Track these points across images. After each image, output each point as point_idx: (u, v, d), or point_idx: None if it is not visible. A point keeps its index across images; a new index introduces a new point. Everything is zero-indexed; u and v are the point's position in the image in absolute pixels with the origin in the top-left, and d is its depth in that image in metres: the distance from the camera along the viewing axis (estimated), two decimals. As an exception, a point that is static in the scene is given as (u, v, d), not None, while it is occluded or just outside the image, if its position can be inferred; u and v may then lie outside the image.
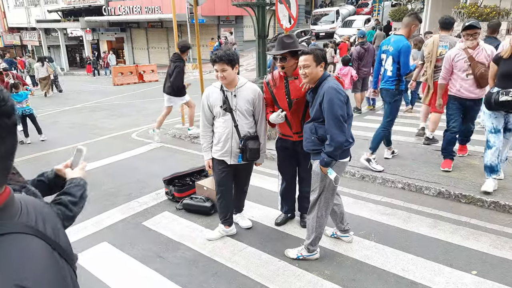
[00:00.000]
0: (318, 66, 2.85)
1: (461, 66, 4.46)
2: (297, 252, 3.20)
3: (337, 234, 3.48)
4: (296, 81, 3.22)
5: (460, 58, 4.45)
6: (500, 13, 15.42)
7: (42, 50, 30.24)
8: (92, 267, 3.22)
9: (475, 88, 4.44)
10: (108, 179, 5.30)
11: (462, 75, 4.47)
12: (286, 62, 3.15)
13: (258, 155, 3.39)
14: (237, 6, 6.32)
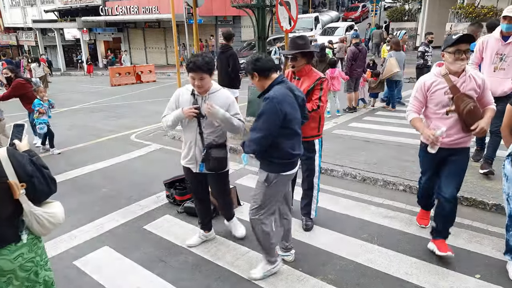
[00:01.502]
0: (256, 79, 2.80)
1: (439, 100, 2.99)
2: (262, 270, 3.02)
3: (280, 254, 3.22)
4: (298, 82, 3.42)
5: (438, 88, 2.97)
6: (498, 14, 15.47)
7: (38, 50, 30.06)
8: (94, 272, 3.19)
9: (459, 131, 3.00)
10: (107, 182, 5.27)
11: (439, 112, 3.03)
12: (296, 62, 3.35)
13: (223, 165, 3.21)
14: (237, 7, 6.31)
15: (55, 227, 2.03)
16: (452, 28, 15.69)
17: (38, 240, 2.04)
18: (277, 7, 5.68)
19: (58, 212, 2.03)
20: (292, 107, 2.72)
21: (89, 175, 5.64)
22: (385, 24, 23.76)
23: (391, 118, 8.23)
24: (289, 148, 2.76)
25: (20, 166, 1.82)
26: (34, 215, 1.90)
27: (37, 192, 1.91)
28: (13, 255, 1.88)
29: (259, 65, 2.75)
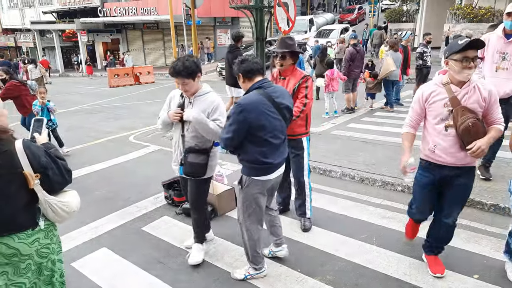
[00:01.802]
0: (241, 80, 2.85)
1: (438, 112, 2.66)
2: (244, 272, 3.02)
3: (273, 251, 3.28)
4: (284, 81, 3.53)
5: (438, 99, 2.64)
6: (495, 14, 15.53)
7: (37, 52, 30.03)
8: (92, 274, 3.19)
9: (458, 149, 2.66)
10: (105, 183, 5.26)
11: (438, 127, 2.69)
12: (285, 60, 3.43)
13: (199, 172, 3.04)
14: (235, 8, 6.32)
15: (70, 216, 2.15)
16: (450, 29, 15.71)
17: (53, 228, 2.17)
18: (275, 8, 5.69)
19: (72, 201, 2.16)
20: (263, 115, 2.63)
21: (87, 176, 5.62)
22: (384, 24, 23.81)
23: (389, 118, 8.24)
24: (258, 155, 2.70)
25: (34, 158, 1.94)
26: (48, 204, 2.02)
27: (52, 182, 2.03)
28: (30, 239, 2.01)
29: (243, 67, 2.75)
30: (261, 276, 3.03)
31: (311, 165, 5.34)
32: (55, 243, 2.18)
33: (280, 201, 4.01)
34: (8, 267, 1.99)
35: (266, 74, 3.59)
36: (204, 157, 3.04)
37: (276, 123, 2.72)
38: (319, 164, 5.35)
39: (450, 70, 2.60)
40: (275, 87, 2.83)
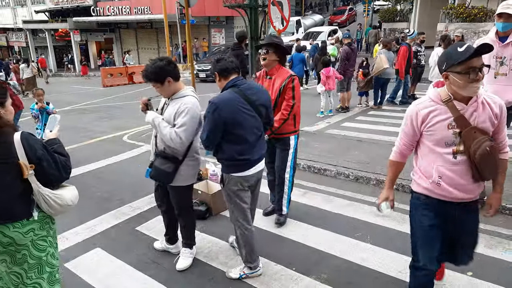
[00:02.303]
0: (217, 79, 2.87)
1: (441, 136, 2.10)
2: (239, 271, 3.03)
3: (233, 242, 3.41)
4: (270, 80, 3.51)
5: (439, 120, 2.09)
6: (488, 14, 15.66)
7: (29, 51, 29.79)
8: (85, 274, 3.16)
9: (469, 180, 2.11)
10: (99, 184, 5.22)
11: (443, 152, 2.11)
12: (268, 55, 3.41)
13: (164, 179, 2.98)
14: (229, 7, 6.31)
15: (64, 209, 2.19)
16: (445, 28, 15.81)
17: (50, 221, 2.22)
18: (269, 7, 5.69)
19: (65, 194, 2.20)
20: (237, 112, 2.67)
21: (80, 176, 5.58)
22: (378, 24, 23.93)
23: (383, 117, 8.27)
24: (234, 152, 2.74)
25: (31, 150, 2.01)
26: (41, 195, 2.08)
27: (47, 175, 2.08)
28: (25, 229, 2.06)
29: (219, 66, 2.79)
30: (256, 275, 3.03)
31: (305, 164, 5.38)
32: (52, 236, 2.22)
33: (274, 199, 4.02)
34: (6, 256, 2.08)
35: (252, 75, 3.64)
36: (171, 165, 2.90)
37: (252, 120, 2.76)
38: (314, 163, 5.35)
39: (451, 85, 2.02)
40: (250, 84, 2.86)
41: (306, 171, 5.35)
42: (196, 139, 2.99)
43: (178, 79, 2.88)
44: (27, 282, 2.12)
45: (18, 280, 2.12)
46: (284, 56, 3.59)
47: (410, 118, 2.19)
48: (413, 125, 2.19)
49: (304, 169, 5.38)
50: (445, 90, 2.09)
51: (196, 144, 3.02)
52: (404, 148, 2.32)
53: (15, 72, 15.84)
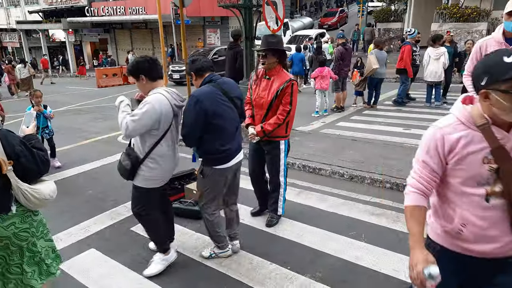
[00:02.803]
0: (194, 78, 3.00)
1: (472, 173, 1.57)
2: (209, 251, 3.30)
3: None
4: (268, 81, 3.47)
5: (473, 151, 1.56)
6: (481, 14, 15.78)
7: (23, 52, 29.59)
8: (80, 275, 3.15)
9: (506, 231, 1.58)
10: (94, 184, 5.20)
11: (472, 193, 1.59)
12: (267, 59, 3.38)
13: (124, 173, 2.95)
14: (224, 7, 6.30)
15: (42, 202, 2.24)
16: (439, 28, 15.91)
17: (32, 213, 2.29)
18: (264, 7, 5.69)
19: (43, 188, 2.25)
20: (216, 104, 2.85)
21: (75, 177, 5.56)
22: (373, 23, 24.04)
23: (378, 117, 8.32)
24: (217, 144, 2.92)
25: (9, 146, 2.08)
26: (20, 190, 2.13)
27: (26, 169, 2.14)
28: (6, 223, 2.14)
29: (195, 66, 2.95)
30: (225, 255, 3.27)
31: (300, 163, 5.39)
32: (35, 227, 2.30)
33: (260, 202, 4.05)
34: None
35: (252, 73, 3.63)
36: (128, 162, 2.88)
37: (230, 111, 2.96)
38: (309, 163, 5.37)
39: (492, 107, 1.50)
40: (224, 79, 3.05)
41: (301, 170, 5.37)
42: (166, 143, 2.86)
43: (154, 79, 2.83)
44: (10, 263, 2.24)
45: (2, 261, 2.24)
46: (284, 56, 3.54)
47: (434, 144, 1.60)
48: (438, 154, 1.60)
49: (299, 168, 5.40)
50: (479, 110, 1.56)
51: (162, 150, 2.86)
52: (426, 185, 1.65)
53: (8, 73, 15.76)
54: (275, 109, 3.46)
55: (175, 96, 2.86)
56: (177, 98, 2.88)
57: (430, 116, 8.06)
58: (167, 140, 2.87)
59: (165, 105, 2.74)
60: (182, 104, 2.93)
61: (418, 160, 1.69)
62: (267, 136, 3.50)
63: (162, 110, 2.72)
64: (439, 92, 8.91)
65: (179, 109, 2.93)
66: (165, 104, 2.75)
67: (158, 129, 2.78)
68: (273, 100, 3.43)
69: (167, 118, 2.79)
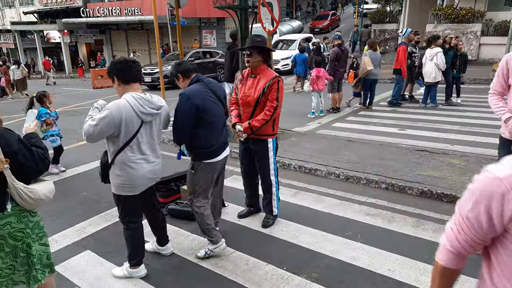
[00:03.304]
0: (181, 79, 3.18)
1: None
2: (204, 250, 3.31)
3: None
4: (254, 79, 3.52)
5: None
6: (475, 15, 15.89)
7: (18, 53, 29.42)
8: (75, 277, 3.14)
9: None
10: (89, 186, 5.18)
11: None
12: (252, 57, 3.44)
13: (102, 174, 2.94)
14: (219, 8, 6.30)
15: (37, 202, 2.24)
16: (433, 29, 16.00)
17: (29, 214, 2.28)
18: (259, 8, 5.70)
19: (38, 189, 2.25)
20: (206, 100, 3.05)
21: (70, 179, 5.53)
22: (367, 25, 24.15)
23: (373, 118, 8.35)
24: (207, 138, 3.10)
25: (6, 144, 2.09)
26: (15, 189, 2.14)
27: (24, 167, 2.16)
28: (1, 222, 2.15)
29: (181, 68, 3.15)
30: (220, 249, 3.28)
31: (296, 164, 5.40)
32: (30, 228, 2.29)
33: (248, 202, 4.07)
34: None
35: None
36: (99, 166, 2.95)
37: (217, 107, 3.16)
38: (305, 164, 5.38)
39: None
40: (210, 80, 3.25)
41: (297, 171, 5.38)
42: (130, 151, 2.75)
43: (126, 82, 2.74)
44: (2, 267, 2.23)
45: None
46: (268, 56, 3.59)
47: (487, 202, 1.10)
48: (490, 217, 1.11)
49: (295, 169, 5.41)
50: None
51: (126, 157, 2.75)
52: (467, 247, 1.24)
53: (4, 74, 15.68)
54: (262, 106, 3.50)
55: (143, 103, 2.69)
56: (146, 104, 2.70)
57: (425, 117, 8.11)
58: (133, 148, 2.74)
59: (126, 112, 2.61)
60: (153, 112, 2.76)
61: (462, 212, 1.21)
62: (254, 133, 3.54)
63: (122, 117, 2.59)
64: (434, 93, 8.96)
65: (151, 116, 2.77)
66: (127, 111, 2.61)
67: (118, 136, 2.67)
68: (260, 97, 3.47)
69: (129, 126, 2.65)
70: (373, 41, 9.16)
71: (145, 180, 2.89)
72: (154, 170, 2.93)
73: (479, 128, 6.98)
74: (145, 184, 2.92)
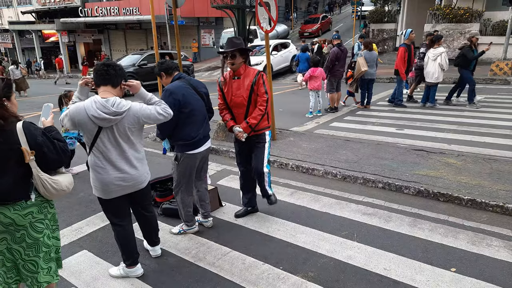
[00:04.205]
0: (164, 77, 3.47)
1: None
2: (179, 228, 3.75)
3: (200, 220, 3.88)
4: (239, 80, 3.59)
5: None
6: (473, 15, 15.91)
7: (16, 53, 29.38)
8: (72, 277, 3.14)
9: None
10: (87, 186, 5.14)
11: None
12: (235, 59, 3.51)
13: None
14: (217, 8, 6.30)
15: (59, 193, 2.38)
16: (432, 29, 16.02)
17: (48, 205, 2.43)
18: (256, 7, 5.70)
19: (62, 180, 2.39)
20: (188, 95, 3.32)
21: (68, 178, 5.52)
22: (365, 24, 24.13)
23: (371, 117, 8.37)
24: (188, 131, 3.35)
25: (31, 137, 2.22)
26: (40, 179, 2.27)
27: (47, 159, 2.27)
28: (24, 211, 2.27)
29: (164, 66, 3.42)
30: (192, 231, 3.72)
31: (294, 164, 5.41)
32: (49, 219, 2.43)
33: (245, 202, 4.07)
34: (6, 234, 2.28)
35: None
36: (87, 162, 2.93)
37: (199, 102, 3.43)
38: (302, 163, 5.39)
39: None
40: (190, 77, 3.54)
41: (294, 171, 5.39)
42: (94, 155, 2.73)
43: (97, 85, 2.72)
44: (25, 258, 2.34)
45: (18, 255, 2.33)
46: (247, 55, 3.68)
47: None
48: None
49: (292, 169, 5.41)
50: None
51: (92, 160, 2.75)
52: None
53: (1, 73, 15.66)
54: (254, 103, 3.59)
55: (97, 106, 2.56)
56: (100, 109, 2.55)
57: (422, 117, 8.12)
58: (96, 152, 2.71)
59: (79, 115, 2.58)
60: (105, 117, 2.56)
61: None
62: (254, 130, 3.61)
63: (75, 119, 2.59)
64: (434, 93, 8.92)
65: (106, 122, 2.59)
66: (80, 114, 2.58)
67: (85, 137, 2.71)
68: (250, 95, 3.56)
69: (87, 129, 2.62)
70: (369, 41, 9.17)
71: (114, 187, 2.77)
72: (124, 178, 2.77)
73: (476, 128, 7.00)
74: (116, 190, 2.80)
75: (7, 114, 2.18)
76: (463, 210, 4.00)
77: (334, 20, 32.65)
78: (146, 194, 3.08)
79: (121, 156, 2.74)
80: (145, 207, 3.15)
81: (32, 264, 2.35)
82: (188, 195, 3.61)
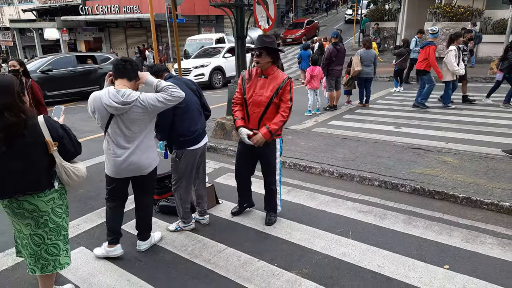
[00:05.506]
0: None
1: None
2: (175, 225, 3.78)
3: (197, 217, 3.90)
4: (265, 80, 3.48)
5: None
6: (474, 13, 15.89)
7: (16, 51, 29.40)
8: (69, 273, 3.16)
9: None
10: (85, 183, 5.19)
11: None
12: (261, 58, 3.42)
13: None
14: (215, 6, 6.32)
15: (80, 180, 2.59)
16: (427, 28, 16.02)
17: (65, 192, 2.64)
18: (254, 6, 5.71)
19: (81, 168, 2.62)
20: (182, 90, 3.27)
21: (66, 176, 5.55)
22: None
23: (369, 116, 8.38)
24: (188, 125, 3.41)
25: (53, 129, 2.41)
26: (63, 167, 2.46)
27: (66, 150, 2.48)
28: (47, 197, 2.45)
29: (154, 69, 3.53)
30: (189, 228, 3.76)
31: (291, 162, 5.44)
32: (65, 205, 2.64)
33: (241, 200, 4.07)
34: (30, 220, 2.45)
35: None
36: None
37: (193, 98, 3.50)
38: (300, 161, 5.41)
39: None
40: (180, 77, 3.68)
41: (292, 169, 5.41)
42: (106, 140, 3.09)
43: (116, 78, 3.05)
44: (47, 243, 2.52)
45: (41, 240, 2.50)
46: (277, 56, 3.54)
47: None
48: None
49: (290, 167, 5.44)
50: None
51: (104, 144, 3.12)
52: None
53: None
54: (274, 107, 3.47)
55: (110, 96, 2.86)
56: (112, 98, 2.85)
57: (421, 115, 8.13)
58: (108, 137, 3.06)
59: (96, 103, 2.94)
60: (114, 105, 2.84)
61: None
62: (273, 135, 3.51)
63: (93, 106, 2.96)
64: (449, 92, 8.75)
65: (115, 110, 2.87)
66: (97, 102, 2.94)
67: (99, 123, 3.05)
68: (273, 97, 3.43)
69: (100, 115, 2.97)
70: (367, 39, 9.17)
71: (120, 169, 3.08)
72: (130, 162, 3.04)
73: (474, 126, 7.02)
74: (121, 172, 3.10)
75: (27, 109, 2.32)
76: (458, 208, 4.02)
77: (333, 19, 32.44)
78: (149, 179, 3.27)
79: (128, 142, 3.03)
80: (146, 192, 3.36)
81: (55, 247, 2.55)
82: (187, 192, 3.64)
